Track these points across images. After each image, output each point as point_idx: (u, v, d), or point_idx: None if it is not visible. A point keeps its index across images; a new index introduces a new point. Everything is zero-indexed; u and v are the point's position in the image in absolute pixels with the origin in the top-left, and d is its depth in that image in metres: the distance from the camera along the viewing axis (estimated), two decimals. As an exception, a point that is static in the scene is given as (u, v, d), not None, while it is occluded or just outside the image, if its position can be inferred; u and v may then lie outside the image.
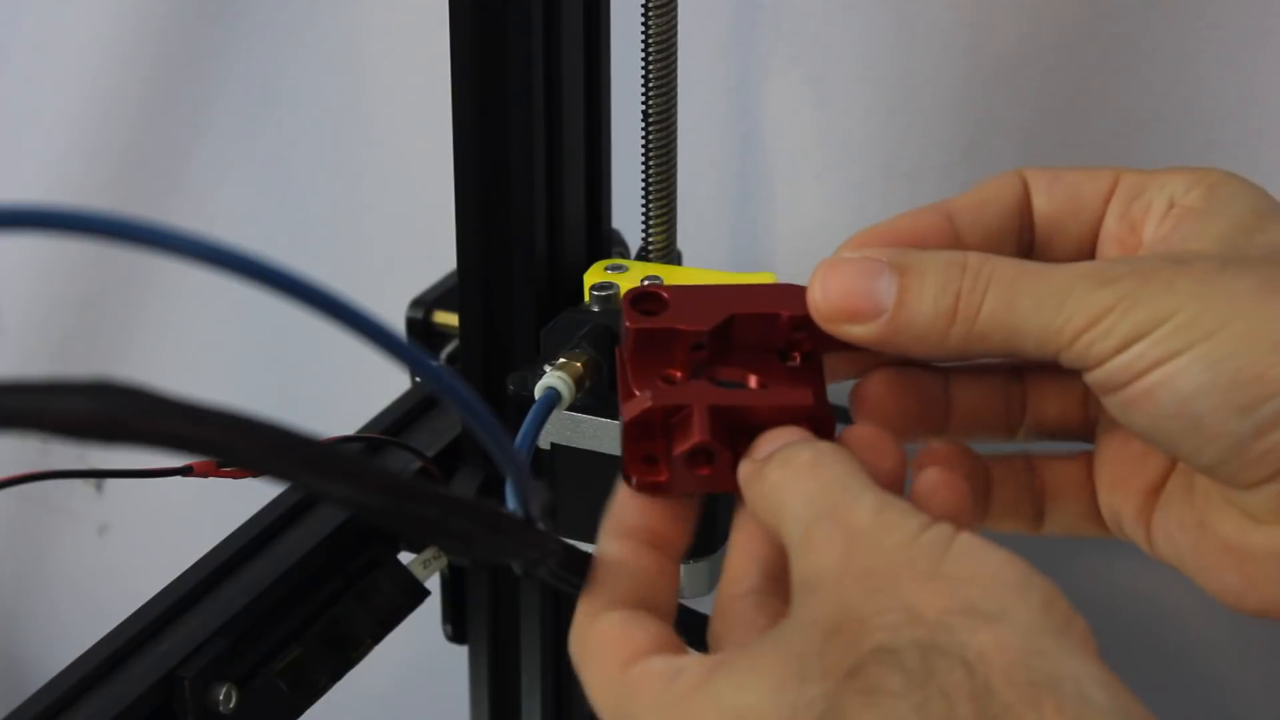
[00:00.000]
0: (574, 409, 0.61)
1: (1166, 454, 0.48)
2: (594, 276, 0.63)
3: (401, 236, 0.94)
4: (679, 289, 0.48)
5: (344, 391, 0.98)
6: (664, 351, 0.48)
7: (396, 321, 0.72)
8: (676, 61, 0.65)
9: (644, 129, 0.65)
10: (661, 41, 0.64)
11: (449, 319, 0.71)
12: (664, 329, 0.48)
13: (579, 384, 0.59)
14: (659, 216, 0.66)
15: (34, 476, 0.58)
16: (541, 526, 0.43)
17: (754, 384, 0.48)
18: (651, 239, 0.67)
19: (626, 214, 0.69)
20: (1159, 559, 0.50)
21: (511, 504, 0.43)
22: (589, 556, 0.45)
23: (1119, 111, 0.75)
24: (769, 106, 0.82)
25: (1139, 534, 0.50)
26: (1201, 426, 0.44)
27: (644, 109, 0.65)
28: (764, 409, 0.46)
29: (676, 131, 0.66)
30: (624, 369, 0.48)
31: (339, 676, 0.63)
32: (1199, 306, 0.44)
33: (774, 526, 0.44)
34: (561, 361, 0.60)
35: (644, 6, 0.63)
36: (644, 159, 0.66)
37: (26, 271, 1.09)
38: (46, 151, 1.04)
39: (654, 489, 0.46)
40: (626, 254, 0.70)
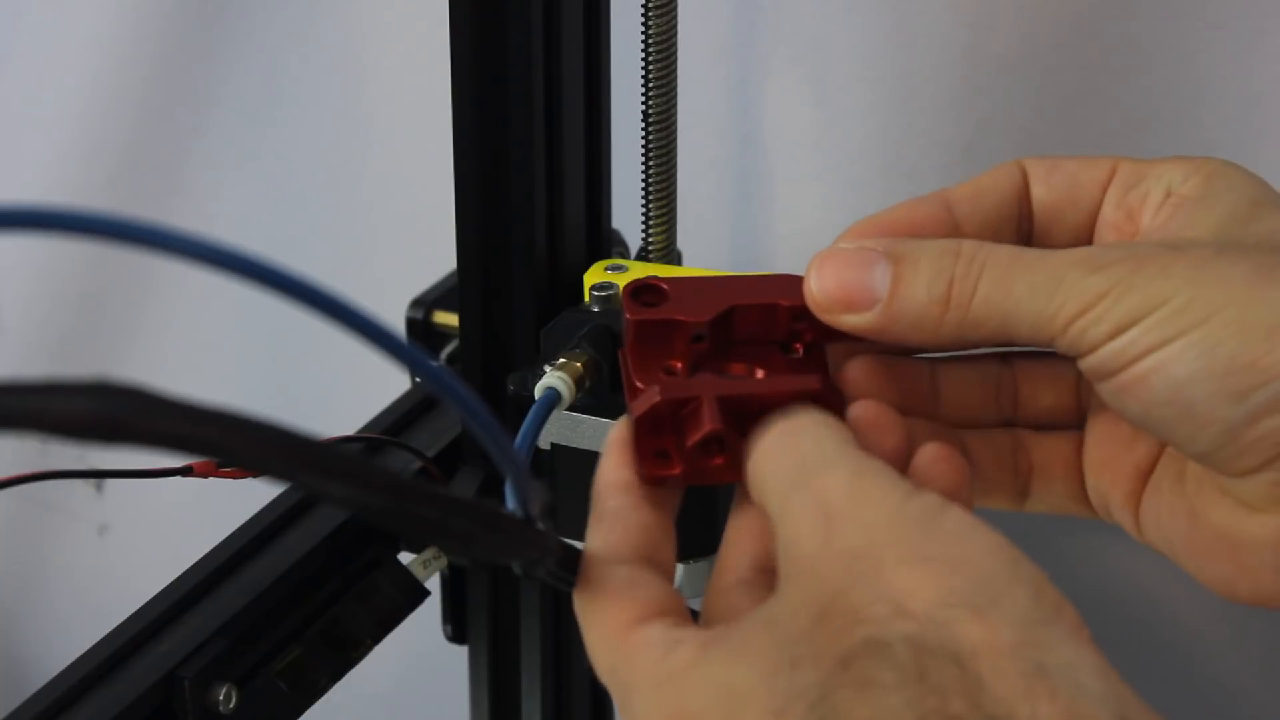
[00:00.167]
0: (574, 409, 0.61)
1: (1160, 440, 0.48)
2: (594, 276, 0.63)
3: (401, 236, 0.94)
4: (679, 280, 0.48)
5: (344, 391, 0.98)
6: (664, 343, 0.48)
7: (396, 321, 0.72)
8: (676, 61, 0.65)
9: (644, 129, 0.65)
10: (661, 41, 0.64)
11: (449, 319, 0.71)
12: (664, 320, 0.48)
13: (579, 384, 0.59)
14: (659, 216, 0.66)
15: (34, 476, 0.58)
16: (541, 526, 0.43)
17: (759, 376, 0.48)
18: (651, 239, 0.67)
19: (626, 214, 0.69)
20: (1147, 544, 0.49)
21: (511, 504, 0.43)
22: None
23: (1119, 111, 0.75)
24: (769, 106, 0.82)
25: (1127, 518, 0.50)
26: (1195, 413, 0.44)
27: (644, 109, 0.65)
28: (772, 395, 0.46)
29: (676, 131, 0.66)
30: (627, 367, 0.48)
31: (339, 676, 0.63)
32: (1193, 292, 0.44)
33: (759, 500, 0.44)
34: (561, 361, 0.60)
35: (644, 6, 0.63)
36: (644, 159, 0.66)
37: (26, 271, 1.09)
38: (46, 151, 1.04)
39: (667, 482, 0.46)
40: (626, 254, 0.70)
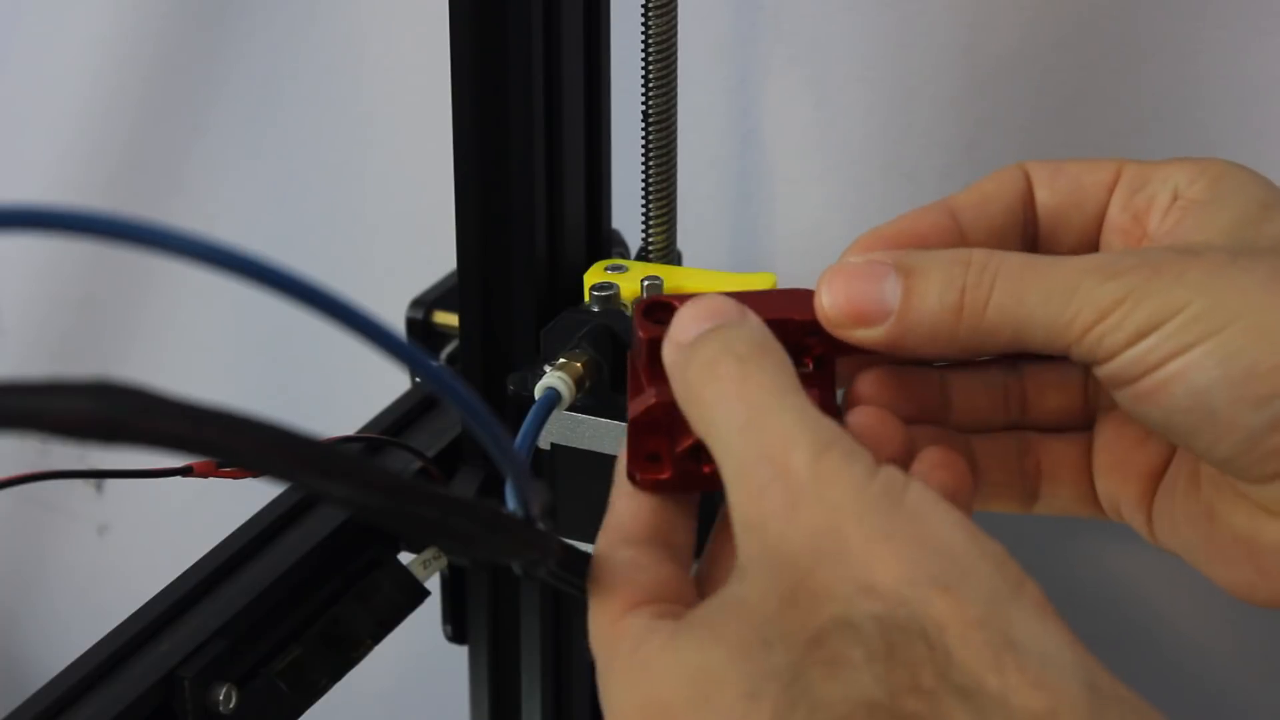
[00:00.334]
0: (574, 409, 0.61)
1: (1180, 446, 0.48)
2: (594, 276, 0.63)
3: (401, 236, 0.94)
4: (690, 298, 0.48)
5: (344, 391, 0.98)
6: None
7: (396, 321, 0.72)
8: (676, 61, 0.65)
9: (644, 129, 0.65)
10: (661, 41, 0.64)
11: (449, 319, 0.71)
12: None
13: (579, 384, 0.59)
14: (659, 216, 0.66)
15: (34, 476, 0.58)
16: (541, 526, 0.43)
17: None
18: (651, 239, 0.67)
19: (626, 214, 0.69)
20: (1159, 546, 0.49)
21: (511, 504, 0.43)
22: (589, 557, 0.45)
23: (1119, 111, 0.75)
24: (769, 106, 0.82)
25: (1139, 520, 0.50)
26: (1215, 420, 0.44)
27: (644, 109, 0.65)
28: None
29: (676, 131, 0.66)
30: (635, 374, 0.48)
31: (339, 676, 0.63)
32: (1210, 299, 0.43)
33: (703, 438, 0.43)
34: (561, 362, 0.60)
35: (644, 6, 0.63)
36: (644, 159, 0.66)
37: (26, 271, 1.09)
38: (46, 151, 1.04)
39: (657, 486, 0.46)
40: (626, 254, 0.70)
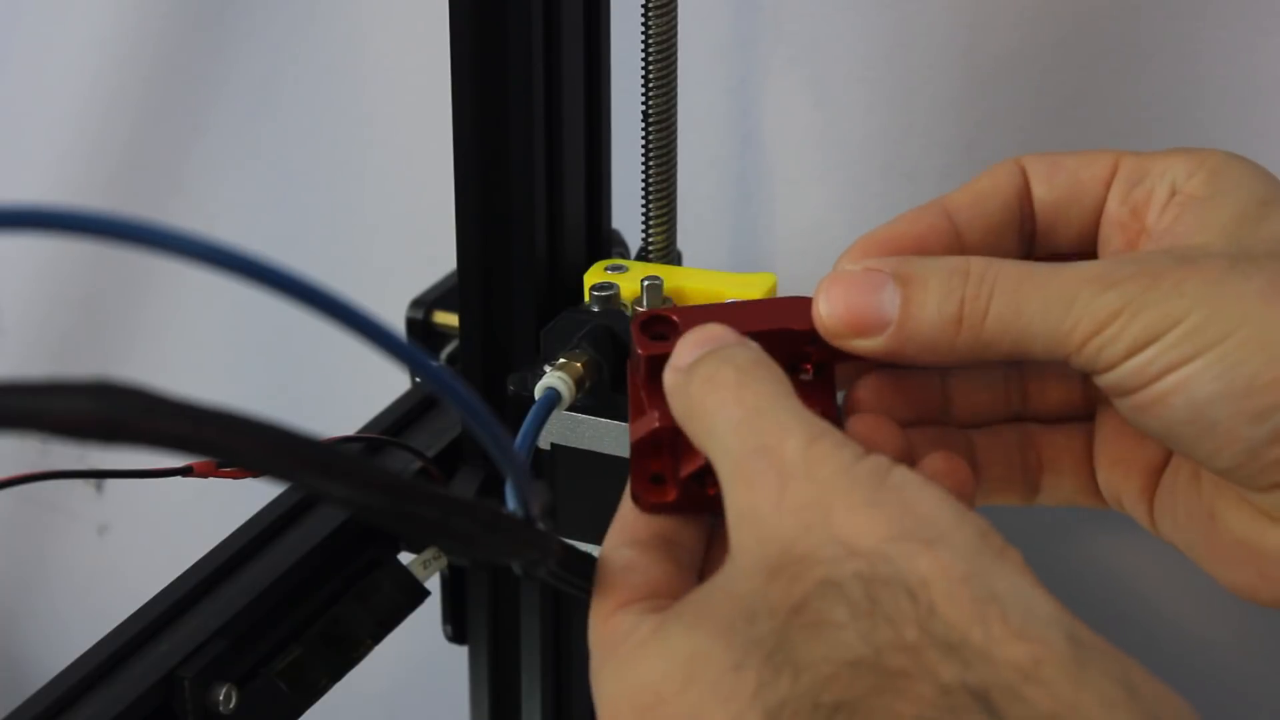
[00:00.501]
0: (574, 409, 0.61)
1: (1181, 455, 0.48)
2: (594, 276, 0.63)
3: (401, 236, 0.94)
4: (689, 311, 0.48)
5: (344, 391, 0.98)
6: None
7: (396, 321, 0.72)
8: (676, 61, 0.65)
9: (644, 129, 0.65)
10: (661, 41, 0.64)
11: (449, 319, 0.71)
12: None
13: (579, 384, 0.59)
14: (659, 216, 0.66)
15: (34, 476, 0.58)
16: (541, 526, 0.43)
17: None
18: (651, 239, 0.67)
19: (626, 214, 0.69)
20: (1162, 538, 0.49)
21: (511, 504, 0.43)
22: (589, 557, 0.45)
23: (1119, 111, 0.75)
24: (769, 106, 0.82)
25: (1140, 512, 0.50)
26: (1216, 433, 0.44)
27: (644, 109, 0.65)
28: None
29: (676, 131, 0.66)
30: (636, 389, 0.47)
31: (339, 676, 0.63)
32: (1208, 310, 0.43)
33: (703, 449, 0.44)
34: (561, 362, 0.60)
35: (644, 6, 0.63)
36: (644, 159, 0.66)
37: (26, 271, 1.09)
38: (46, 151, 1.04)
39: (661, 508, 0.46)
40: (626, 254, 0.70)
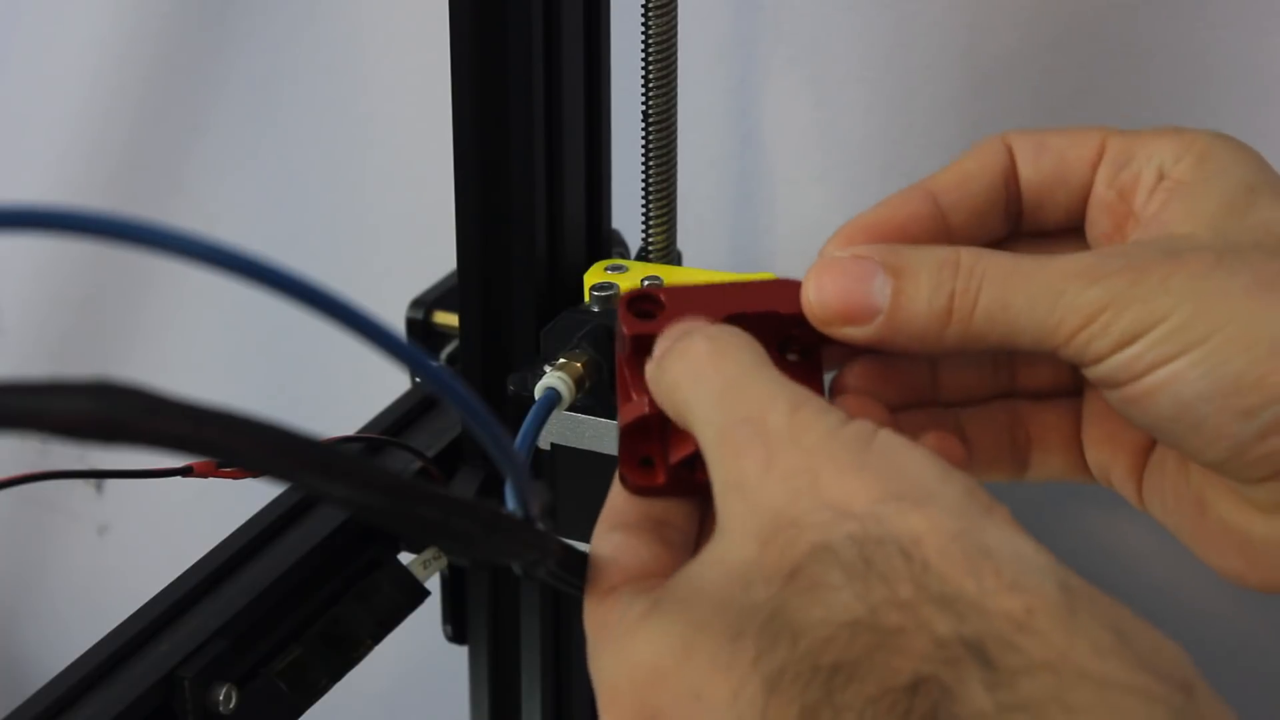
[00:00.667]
0: (574, 409, 0.61)
1: (1170, 448, 0.48)
2: (594, 276, 0.63)
3: (401, 236, 0.94)
4: (675, 290, 0.48)
5: (344, 391, 0.98)
6: None
7: (396, 321, 0.72)
8: (676, 61, 0.65)
9: (644, 129, 0.65)
10: (661, 41, 0.64)
11: (449, 319, 0.71)
12: (660, 333, 0.48)
13: (579, 384, 0.59)
14: (659, 216, 0.66)
15: (34, 477, 0.58)
16: (541, 526, 0.43)
17: None
18: (651, 239, 0.67)
19: (626, 214, 0.69)
20: (1151, 515, 0.50)
21: (511, 504, 0.43)
22: (589, 557, 0.45)
23: (1118, 112, 0.75)
24: (769, 106, 0.82)
25: (1129, 490, 0.50)
26: (1203, 429, 0.44)
27: (644, 109, 0.65)
28: None
29: (676, 131, 0.66)
30: (623, 371, 0.47)
31: (339, 677, 0.63)
32: (1193, 307, 0.43)
33: (684, 425, 0.44)
34: (561, 362, 0.60)
35: (644, 6, 0.63)
36: (644, 159, 0.66)
37: (26, 271, 1.09)
38: (46, 151, 1.04)
39: (649, 491, 0.46)
40: (626, 254, 0.70)
